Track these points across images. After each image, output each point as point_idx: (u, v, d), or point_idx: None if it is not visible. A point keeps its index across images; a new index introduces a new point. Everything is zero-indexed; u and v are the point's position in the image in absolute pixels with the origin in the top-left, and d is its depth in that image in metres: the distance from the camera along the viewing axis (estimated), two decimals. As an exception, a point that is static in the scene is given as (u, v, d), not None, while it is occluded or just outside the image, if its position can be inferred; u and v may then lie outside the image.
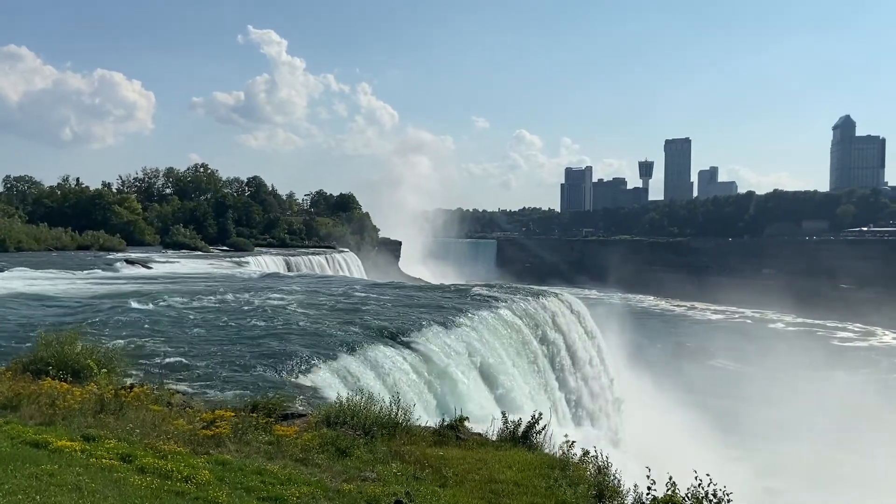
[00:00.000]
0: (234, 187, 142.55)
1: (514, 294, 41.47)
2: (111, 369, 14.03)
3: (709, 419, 55.73)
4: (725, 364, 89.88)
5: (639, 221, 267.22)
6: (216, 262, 73.18)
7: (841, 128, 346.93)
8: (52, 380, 12.37)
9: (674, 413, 53.71)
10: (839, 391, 68.94)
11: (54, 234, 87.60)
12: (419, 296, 40.88)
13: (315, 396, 16.92)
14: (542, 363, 34.38)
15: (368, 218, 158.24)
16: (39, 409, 10.88)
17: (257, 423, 11.16)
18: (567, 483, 10.27)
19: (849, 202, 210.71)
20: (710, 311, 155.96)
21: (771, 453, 50.00)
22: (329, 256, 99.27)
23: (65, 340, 14.36)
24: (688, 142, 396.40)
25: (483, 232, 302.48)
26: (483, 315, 33.11)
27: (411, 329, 27.31)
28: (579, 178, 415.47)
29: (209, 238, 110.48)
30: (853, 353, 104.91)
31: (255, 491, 8.18)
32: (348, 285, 48.82)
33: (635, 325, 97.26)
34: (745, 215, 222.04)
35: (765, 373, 79.89)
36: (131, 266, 60.18)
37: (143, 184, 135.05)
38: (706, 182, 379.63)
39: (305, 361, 20.62)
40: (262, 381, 18.15)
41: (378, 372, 21.80)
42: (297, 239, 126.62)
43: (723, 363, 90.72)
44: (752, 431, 54.73)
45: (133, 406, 11.45)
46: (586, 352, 40.67)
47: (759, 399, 65.72)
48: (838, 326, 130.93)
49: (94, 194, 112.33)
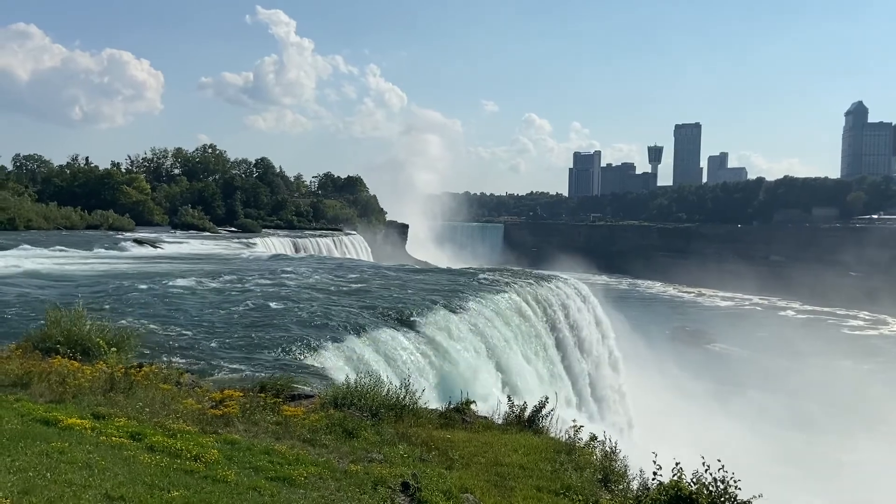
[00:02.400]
0: (242, 168, 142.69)
1: (521, 278, 41.41)
2: (121, 348, 14.10)
3: (718, 406, 55.78)
4: (733, 350, 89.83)
5: (647, 207, 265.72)
6: (224, 243, 73.48)
7: (853, 114, 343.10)
8: (62, 358, 12.45)
9: (683, 399, 53.75)
10: (849, 380, 68.89)
11: (63, 213, 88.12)
12: (425, 279, 40.88)
13: (322, 378, 16.99)
14: (549, 347, 34.40)
15: (376, 201, 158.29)
16: (50, 386, 10.94)
17: (265, 403, 11.20)
18: (573, 467, 10.29)
19: (859, 189, 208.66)
20: (718, 297, 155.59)
21: (782, 440, 50.03)
22: (336, 238, 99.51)
23: (74, 319, 14.42)
24: (698, 127, 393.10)
25: (490, 216, 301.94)
26: (489, 299, 33.10)
27: (418, 312, 27.35)
28: (588, 162, 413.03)
29: (217, 219, 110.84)
30: (863, 341, 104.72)
31: (264, 471, 8.23)
32: (355, 267, 48.89)
33: (644, 311, 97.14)
34: (755, 201, 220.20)
35: (775, 360, 79.83)
36: (140, 246, 60.51)
37: (151, 164, 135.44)
38: (716, 168, 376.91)
39: (313, 343, 20.69)
40: (270, 362, 18.24)
41: (384, 354, 21.87)
42: (305, 221, 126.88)
43: (730, 349, 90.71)
44: (762, 419, 54.69)
45: (142, 385, 11.50)
46: (593, 337, 40.67)
47: (771, 387, 65.71)
48: (848, 314, 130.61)
49: (104, 174, 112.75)
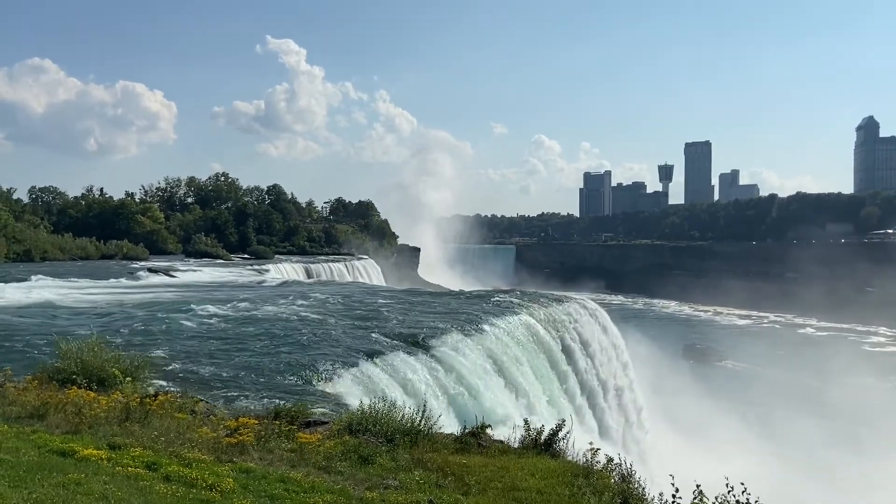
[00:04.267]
0: (255, 196, 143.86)
1: (535, 300, 41.26)
2: (136, 377, 14.16)
3: (741, 426, 54.89)
4: (756, 369, 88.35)
5: (659, 226, 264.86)
6: (237, 271, 73.81)
7: (864, 129, 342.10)
8: (78, 388, 12.50)
9: (705, 419, 52.98)
10: (878, 398, 67.67)
11: (79, 244, 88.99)
12: (438, 302, 40.83)
13: (337, 404, 16.93)
14: (564, 370, 34.16)
15: (387, 225, 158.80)
16: (66, 417, 10.97)
17: (280, 430, 11.16)
18: (591, 491, 10.14)
19: (873, 204, 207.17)
20: (734, 315, 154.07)
21: (812, 461, 49.06)
22: (348, 263, 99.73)
23: (89, 349, 14.49)
24: (708, 145, 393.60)
25: (502, 238, 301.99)
26: (503, 321, 32.98)
27: (431, 336, 27.28)
28: (598, 182, 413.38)
29: (230, 246, 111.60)
30: (886, 358, 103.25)
31: (279, 499, 8.18)
32: (368, 292, 48.91)
33: (662, 331, 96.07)
34: (768, 218, 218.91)
35: (799, 378, 78.55)
36: (154, 275, 60.92)
37: (165, 193, 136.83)
38: (727, 185, 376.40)
39: (327, 369, 20.66)
40: (285, 389, 18.21)
41: (399, 379, 21.78)
42: (317, 246, 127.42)
43: (753, 368, 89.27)
44: (789, 439, 53.58)
45: (158, 414, 11.51)
46: (608, 358, 40.34)
47: (796, 406, 64.59)
48: (868, 331, 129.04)
49: (118, 204, 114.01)
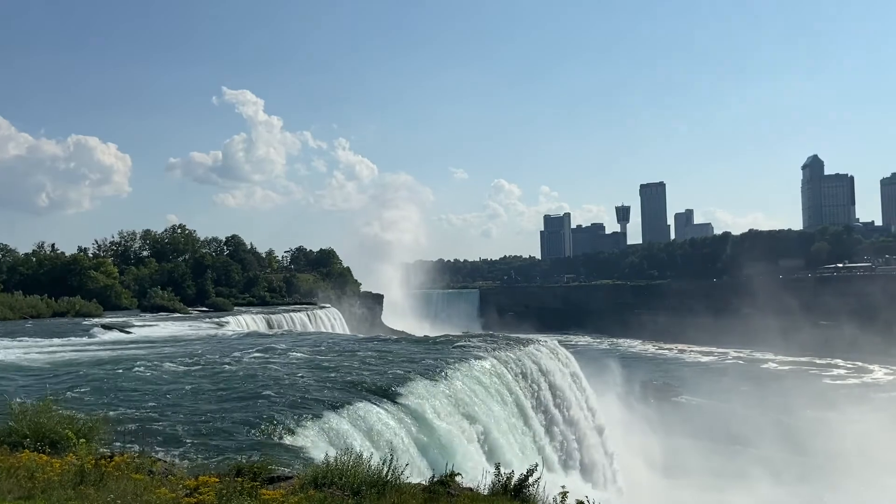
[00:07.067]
0: (213, 247, 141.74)
1: (499, 344, 41.32)
2: (90, 438, 13.64)
3: (716, 464, 55.06)
4: (724, 406, 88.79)
5: (619, 266, 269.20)
6: (195, 324, 72.26)
7: (810, 167, 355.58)
8: (30, 452, 12.01)
9: (678, 459, 53.08)
10: (841, 430, 68.51)
11: (29, 302, 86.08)
12: (403, 349, 40.55)
13: (302, 457, 16.55)
14: (530, 412, 34.05)
15: (349, 272, 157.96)
16: (18, 482, 10.50)
17: (242, 487, 10.81)
18: (563, 535, 10.07)
19: (822, 239, 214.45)
20: (698, 352, 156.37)
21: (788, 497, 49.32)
22: (311, 312, 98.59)
23: (40, 410, 13.97)
24: (662, 186, 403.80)
25: (465, 282, 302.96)
26: (468, 366, 32.87)
27: (397, 383, 27.00)
28: (558, 224, 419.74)
29: (188, 299, 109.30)
30: (847, 390, 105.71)
31: (243, 559, 7.92)
32: (331, 341, 48.35)
33: (629, 371, 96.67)
34: (723, 255, 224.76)
35: (767, 414, 79.26)
36: (108, 331, 59.17)
37: (119, 247, 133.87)
38: (682, 224, 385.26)
39: (290, 421, 20.23)
40: (247, 444, 17.74)
41: (365, 429, 21.43)
42: (278, 296, 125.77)
43: (722, 406, 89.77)
44: (764, 476, 53.69)
45: (114, 476, 11.08)
46: (575, 399, 40.39)
47: (767, 442, 64.89)
48: (828, 363, 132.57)
49: (70, 260, 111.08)
